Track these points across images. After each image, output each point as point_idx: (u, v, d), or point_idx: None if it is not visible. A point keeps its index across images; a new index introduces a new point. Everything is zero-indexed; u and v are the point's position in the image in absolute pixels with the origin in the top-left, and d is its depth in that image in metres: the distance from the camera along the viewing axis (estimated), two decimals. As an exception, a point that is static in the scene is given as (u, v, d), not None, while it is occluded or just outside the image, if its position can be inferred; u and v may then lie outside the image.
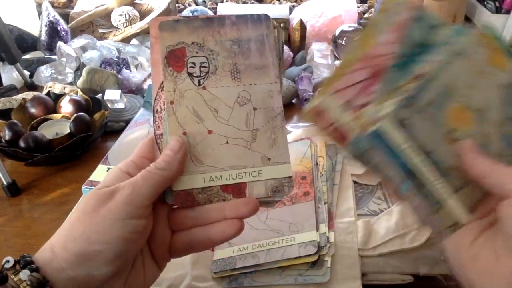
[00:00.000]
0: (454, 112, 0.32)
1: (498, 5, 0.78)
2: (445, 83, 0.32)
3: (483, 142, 0.32)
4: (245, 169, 0.33)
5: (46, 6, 1.00)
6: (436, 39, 0.34)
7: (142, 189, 0.30)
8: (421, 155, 0.30)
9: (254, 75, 0.34)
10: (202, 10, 1.07)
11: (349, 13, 1.01)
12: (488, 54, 0.33)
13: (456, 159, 0.31)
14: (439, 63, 0.32)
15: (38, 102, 0.71)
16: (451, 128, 0.31)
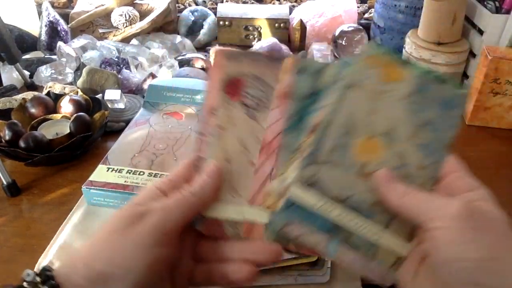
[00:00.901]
0: (361, 147, 0.31)
1: (498, 5, 0.78)
2: (342, 122, 0.31)
3: (400, 163, 0.31)
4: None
5: (46, 6, 1.00)
6: (324, 81, 0.33)
7: (173, 215, 0.29)
8: (338, 207, 0.29)
9: None
10: (202, 10, 1.07)
11: (349, 13, 1.01)
12: (381, 73, 0.32)
13: (376, 196, 0.30)
14: (331, 105, 0.31)
15: (38, 102, 0.71)
16: (362, 164, 0.30)
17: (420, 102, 0.32)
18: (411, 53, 0.84)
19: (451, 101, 0.32)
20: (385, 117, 0.31)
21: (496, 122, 0.77)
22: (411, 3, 0.88)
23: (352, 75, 0.32)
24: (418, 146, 0.31)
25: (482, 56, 0.74)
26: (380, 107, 0.32)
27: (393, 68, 0.33)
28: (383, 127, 0.31)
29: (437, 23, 0.80)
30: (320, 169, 0.30)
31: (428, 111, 0.32)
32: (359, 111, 0.31)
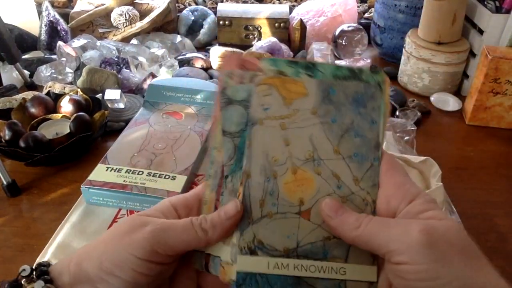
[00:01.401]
0: (289, 185, 0.28)
1: (498, 5, 0.78)
2: (259, 167, 0.28)
3: (336, 184, 0.29)
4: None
5: (46, 6, 1.00)
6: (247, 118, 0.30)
7: (171, 237, 0.27)
8: (291, 261, 0.27)
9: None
10: (202, 10, 1.07)
11: (349, 13, 1.01)
12: (280, 96, 0.30)
13: (325, 229, 0.28)
14: (246, 153, 0.29)
15: (38, 102, 0.71)
16: (298, 203, 0.28)
17: (330, 111, 0.29)
18: (411, 52, 0.84)
19: (362, 96, 0.30)
20: (301, 143, 0.29)
21: (496, 122, 0.77)
22: (411, 2, 0.88)
23: (252, 109, 0.29)
24: (346, 159, 0.29)
25: (482, 56, 0.74)
26: (292, 134, 0.29)
27: (291, 85, 0.30)
28: (303, 154, 0.29)
29: (437, 22, 0.80)
30: (258, 228, 0.28)
31: (343, 118, 0.29)
32: (272, 148, 0.29)
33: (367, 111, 0.30)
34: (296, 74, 0.30)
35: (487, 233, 0.55)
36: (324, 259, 0.28)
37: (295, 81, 0.30)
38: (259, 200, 0.28)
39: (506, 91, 0.73)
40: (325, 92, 0.30)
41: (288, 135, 0.29)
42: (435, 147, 0.72)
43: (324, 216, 0.28)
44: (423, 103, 0.81)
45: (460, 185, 0.64)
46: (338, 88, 0.30)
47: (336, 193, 0.29)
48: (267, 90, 0.29)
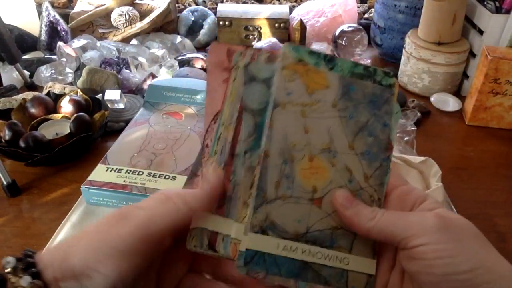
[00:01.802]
0: (305, 171, 0.29)
1: (498, 5, 0.78)
2: (278, 149, 0.29)
3: (348, 178, 0.29)
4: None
5: (46, 6, 1.00)
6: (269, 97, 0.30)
7: (157, 223, 0.27)
8: (299, 245, 0.28)
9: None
10: (202, 10, 1.07)
11: (349, 13, 1.01)
12: (302, 84, 0.30)
13: (334, 219, 0.29)
14: (266, 133, 0.29)
15: (38, 102, 0.71)
16: (312, 190, 0.29)
17: (348, 107, 0.30)
18: (411, 53, 0.84)
19: (378, 99, 0.31)
20: (319, 133, 0.29)
21: (496, 122, 0.77)
22: (411, 3, 0.88)
23: (275, 92, 0.29)
24: (359, 156, 0.30)
25: (482, 56, 0.74)
26: (311, 122, 0.29)
27: (314, 75, 0.30)
28: (320, 143, 0.29)
29: (437, 23, 0.80)
30: (271, 208, 0.28)
31: (359, 116, 0.30)
32: (291, 132, 0.29)
33: (381, 113, 0.31)
34: (318, 65, 0.30)
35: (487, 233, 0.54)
36: (330, 247, 0.29)
37: (317, 71, 0.30)
38: (275, 182, 0.28)
39: (506, 91, 0.73)
40: (346, 88, 0.31)
41: (308, 123, 0.29)
42: (435, 147, 0.72)
43: (337, 206, 0.29)
44: (423, 103, 0.81)
45: (460, 185, 0.64)
46: (357, 86, 0.31)
47: (347, 186, 0.29)
48: (291, 76, 0.30)
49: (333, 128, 0.30)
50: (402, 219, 0.27)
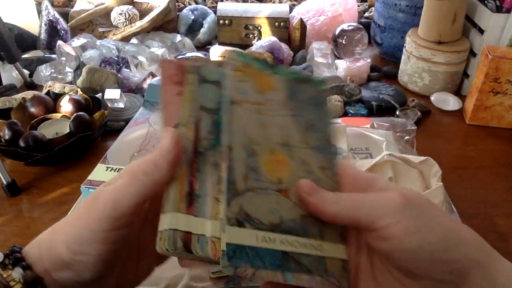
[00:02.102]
0: (268, 164, 0.30)
1: (498, 4, 0.78)
2: (241, 143, 0.30)
3: (307, 170, 0.31)
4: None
5: (45, 5, 1.00)
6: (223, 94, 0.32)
7: (124, 198, 0.27)
8: (277, 235, 0.28)
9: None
10: (202, 9, 1.07)
11: (349, 12, 1.01)
12: (254, 84, 0.32)
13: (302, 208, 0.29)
14: (225, 126, 0.30)
15: (38, 101, 0.71)
16: (278, 181, 0.30)
17: (296, 107, 0.33)
18: (411, 52, 0.84)
19: (318, 101, 0.34)
20: (275, 129, 0.31)
21: (496, 122, 0.77)
22: (412, 2, 0.88)
23: (230, 91, 0.31)
24: (312, 150, 0.32)
25: (483, 56, 0.74)
26: (266, 119, 0.31)
27: (261, 77, 0.32)
28: (277, 138, 0.31)
29: (438, 22, 0.80)
30: (244, 200, 0.28)
31: (306, 115, 0.33)
32: (250, 128, 0.30)
33: (322, 112, 0.34)
34: (263, 69, 0.33)
35: (487, 233, 0.55)
36: (304, 236, 0.29)
37: (264, 74, 0.32)
38: (243, 174, 0.29)
39: (506, 90, 0.73)
40: (291, 90, 0.33)
41: (263, 119, 0.31)
42: (435, 147, 0.72)
43: (302, 195, 0.29)
44: (423, 102, 0.81)
45: (460, 185, 0.64)
46: (301, 89, 0.34)
47: (307, 177, 0.30)
48: (242, 77, 0.32)
49: (286, 125, 0.32)
50: (365, 202, 0.28)
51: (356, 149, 0.59)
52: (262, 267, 0.27)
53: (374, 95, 0.81)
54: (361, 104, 0.79)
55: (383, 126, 0.68)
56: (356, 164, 0.55)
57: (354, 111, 0.77)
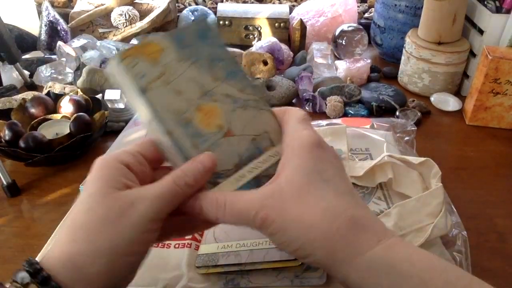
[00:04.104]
0: (203, 122, 0.32)
1: (498, 5, 0.78)
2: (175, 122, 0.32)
3: (233, 100, 0.34)
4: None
5: (46, 6, 1.00)
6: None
7: (165, 205, 0.29)
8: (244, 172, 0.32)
9: None
10: (202, 10, 1.07)
11: (349, 13, 1.01)
12: (144, 60, 0.33)
13: (249, 134, 0.34)
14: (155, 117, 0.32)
15: (38, 102, 0.71)
16: (219, 130, 0.33)
17: (190, 53, 0.34)
18: (411, 52, 0.84)
19: (202, 32, 0.35)
20: (188, 87, 0.33)
21: (496, 122, 0.77)
22: (411, 2, 0.88)
23: (133, 82, 0.32)
24: (225, 81, 0.34)
25: (483, 56, 0.74)
26: (176, 85, 0.33)
27: (146, 48, 0.33)
28: (195, 94, 0.33)
29: (438, 22, 0.80)
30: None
31: (202, 54, 0.34)
32: (170, 103, 0.32)
33: (212, 41, 0.35)
34: (144, 40, 0.35)
35: (487, 233, 0.55)
36: (261, 154, 0.33)
37: (147, 44, 0.33)
38: (191, 146, 0.31)
39: (506, 91, 0.73)
40: (177, 41, 0.34)
41: (174, 86, 0.33)
42: (435, 147, 0.72)
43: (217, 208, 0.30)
44: (423, 103, 0.81)
45: (460, 185, 0.64)
46: (183, 32, 0.35)
47: (236, 106, 0.34)
48: (132, 62, 0.32)
49: (193, 76, 0.34)
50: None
51: (356, 150, 0.59)
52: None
53: (374, 95, 0.81)
54: (361, 105, 0.80)
55: (383, 126, 0.68)
56: (356, 166, 0.55)
57: (354, 112, 0.77)
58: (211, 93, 0.34)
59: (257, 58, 0.81)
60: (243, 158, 0.33)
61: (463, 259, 0.45)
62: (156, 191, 0.29)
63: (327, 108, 0.78)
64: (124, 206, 0.28)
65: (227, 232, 0.50)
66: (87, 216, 0.28)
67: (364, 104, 0.80)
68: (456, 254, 0.46)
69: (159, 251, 0.49)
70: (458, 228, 0.48)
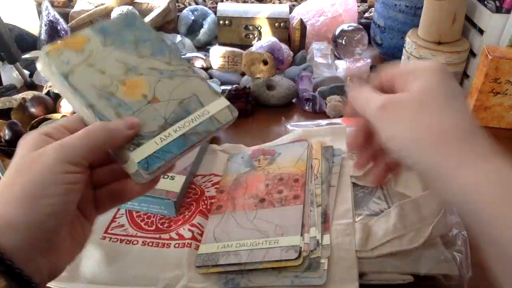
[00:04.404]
0: (127, 93, 0.35)
1: (498, 5, 0.78)
2: (97, 97, 0.34)
3: (160, 72, 0.37)
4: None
5: (46, 5, 1.00)
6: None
7: (74, 146, 0.30)
8: (169, 131, 0.34)
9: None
10: (202, 9, 1.07)
11: (349, 13, 1.01)
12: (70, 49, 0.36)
13: (176, 99, 0.37)
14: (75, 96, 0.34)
15: (38, 101, 0.71)
16: (143, 98, 0.35)
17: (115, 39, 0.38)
18: (411, 52, 0.84)
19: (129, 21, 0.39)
20: (113, 66, 0.36)
21: (496, 122, 0.77)
22: (412, 2, 0.88)
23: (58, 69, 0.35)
24: (151, 57, 0.38)
25: (483, 56, 0.74)
26: (100, 65, 0.36)
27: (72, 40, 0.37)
28: (120, 70, 0.36)
29: (438, 22, 0.80)
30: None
31: (127, 37, 0.38)
32: (93, 80, 0.35)
33: (138, 27, 0.39)
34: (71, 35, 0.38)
35: (487, 233, 0.55)
36: (189, 114, 0.36)
37: (72, 37, 0.37)
38: (114, 114, 0.34)
39: (506, 91, 0.73)
40: (101, 31, 0.38)
41: (98, 67, 0.36)
42: (435, 147, 0.72)
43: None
44: (423, 103, 0.81)
45: (460, 185, 0.63)
46: (108, 24, 0.39)
47: (162, 77, 0.37)
48: (57, 52, 0.36)
49: (119, 56, 0.37)
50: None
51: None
52: (173, 155, 0.33)
53: (374, 95, 0.81)
54: (361, 105, 0.79)
55: (383, 126, 0.68)
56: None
57: (354, 112, 0.77)
58: (136, 69, 0.37)
59: (257, 58, 0.81)
60: (168, 120, 0.35)
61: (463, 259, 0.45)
62: (67, 138, 0.31)
63: (327, 108, 0.78)
64: (35, 155, 0.30)
65: (227, 232, 0.50)
66: (6, 175, 0.31)
67: (364, 104, 0.79)
68: (456, 254, 0.46)
69: (159, 251, 0.49)
70: (458, 228, 0.48)
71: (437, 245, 0.46)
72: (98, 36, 0.37)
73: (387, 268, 0.45)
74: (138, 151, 0.33)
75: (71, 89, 0.34)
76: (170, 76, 0.37)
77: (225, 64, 0.89)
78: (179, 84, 0.37)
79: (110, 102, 0.34)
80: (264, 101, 0.80)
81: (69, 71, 0.35)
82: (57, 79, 0.35)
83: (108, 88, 0.35)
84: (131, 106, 0.35)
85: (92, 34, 0.37)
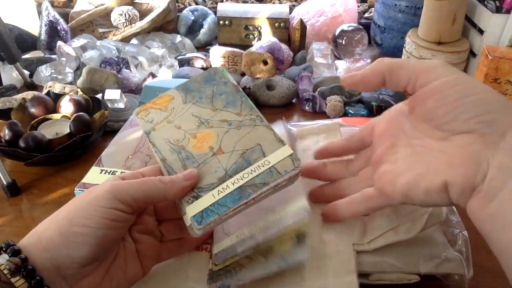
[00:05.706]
0: (196, 146, 0.37)
1: (498, 5, 0.78)
2: (169, 150, 0.38)
3: (228, 124, 0.39)
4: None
5: (46, 6, 1.00)
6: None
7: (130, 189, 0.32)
8: (227, 183, 0.35)
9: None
10: (202, 10, 1.07)
11: (349, 13, 1.01)
12: (156, 109, 0.42)
13: (239, 150, 0.38)
14: (154, 151, 0.39)
15: (38, 101, 0.71)
16: (209, 150, 0.37)
17: (194, 96, 0.41)
18: (411, 52, 0.84)
19: (208, 77, 0.43)
20: (188, 121, 0.40)
21: (496, 122, 0.77)
22: (411, 2, 0.88)
23: (143, 128, 0.41)
24: (224, 109, 0.40)
25: (483, 56, 0.74)
26: (177, 121, 0.40)
27: (158, 100, 0.42)
28: (193, 125, 0.39)
29: (438, 22, 0.80)
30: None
31: (205, 93, 0.41)
32: (169, 135, 0.39)
33: (216, 82, 0.42)
34: (157, 96, 0.43)
35: (487, 233, 0.55)
36: (249, 165, 0.35)
37: (161, 97, 0.41)
38: (181, 167, 0.36)
39: (506, 91, 0.73)
40: (185, 89, 0.42)
41: (176, 123, 0.39)
42: (435, 147, 0.72)
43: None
44: (423, 103, 0.81)
45: (460, 185, 0.63)
46: (191, 82, 0.43)
47: (230, 128, 0.38)
48: (145, 112, 0.41)
49: (194, 111, 0.40)
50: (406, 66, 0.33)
51: (356, 150, 0.59)
52: (227, 209, 0.33)
53: (374, 95, 0.81)
54: (361, 105, 0.80)
55: (383, 126, 0.68)
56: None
57: (354, 111, 0.77)
58: (208, 122, 0.39)
59: (257, 58, 0.81)
60: (228, 171, 0.35)
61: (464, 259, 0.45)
62: (126, 180, 0.33)
63: (327, 108, 0.77)
64: (94, 187, 0.32)
65: (235, 224, 0.49)
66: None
67: (364, 104, 0.80)
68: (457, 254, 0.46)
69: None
70: (459, 227, 0.48)
71: (439, 244, 0.46)
72: (182, 93, 0.42)
73: (387, 268, 0.45)
74: (194, 204, 0.33)
75: (151, 145, 0.38)
76: (238, 127, 0.38)
77: (225, 64, 0.89)
78: (245, 134, 0.37)
79: (180, 155, 0.37)
80: (264, 101, 0.80)
81: (151, 128, 0.40)
82: (145, 136, 0.40)
83: (181, 142, 0.38)
84: (198, 158, 0.36)
85: (177, 93, 0.42)
